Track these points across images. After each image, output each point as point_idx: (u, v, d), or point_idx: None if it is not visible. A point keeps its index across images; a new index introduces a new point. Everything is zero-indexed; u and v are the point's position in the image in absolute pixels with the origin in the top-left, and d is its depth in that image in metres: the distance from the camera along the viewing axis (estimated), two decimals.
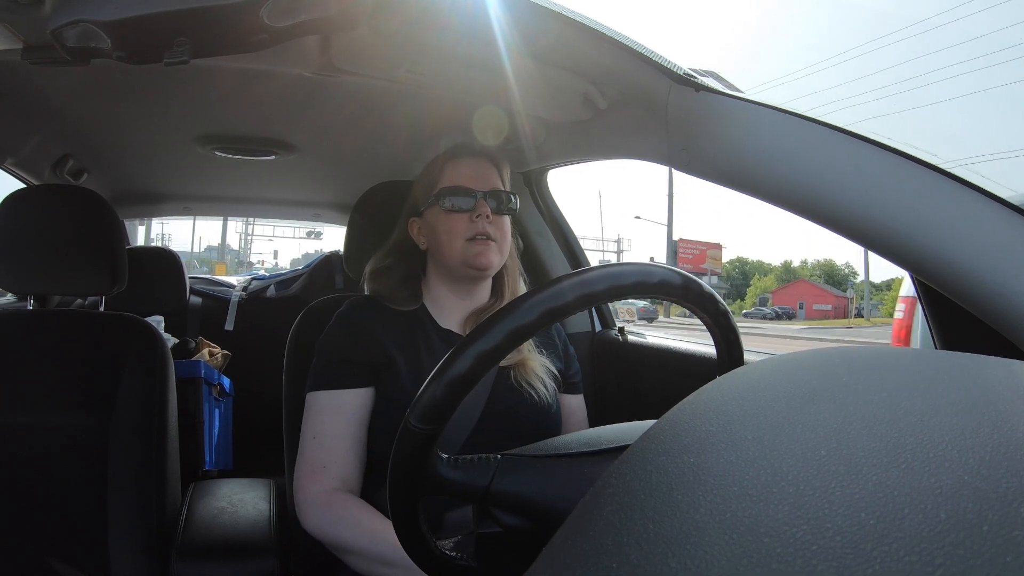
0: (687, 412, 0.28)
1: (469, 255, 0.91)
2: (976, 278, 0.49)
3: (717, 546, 0.20)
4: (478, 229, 0.91)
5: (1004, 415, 0.23)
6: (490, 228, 0.92)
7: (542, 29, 0.72)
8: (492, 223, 0.92)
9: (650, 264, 0.48)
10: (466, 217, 0.92)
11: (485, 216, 0.92)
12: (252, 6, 0.62)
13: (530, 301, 0.44)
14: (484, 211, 0.92)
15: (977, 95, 30.25)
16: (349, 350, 0.90)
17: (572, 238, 1.49)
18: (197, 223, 25.83)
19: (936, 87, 32.12)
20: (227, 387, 1.91)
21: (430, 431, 0.44)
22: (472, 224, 0.91)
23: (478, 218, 0.91)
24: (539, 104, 0.94)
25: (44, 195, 1.07)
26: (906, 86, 28.43)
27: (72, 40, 0.64)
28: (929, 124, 40.18)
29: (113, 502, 0.93)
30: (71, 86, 1.08)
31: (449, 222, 0.92)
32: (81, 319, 1.06)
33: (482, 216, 0.91)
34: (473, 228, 0.91)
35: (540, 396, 0.91)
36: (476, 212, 0.92)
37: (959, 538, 0.17)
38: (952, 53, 26.92)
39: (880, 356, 0.29)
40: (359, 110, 1.19)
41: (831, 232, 0.58)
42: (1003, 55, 26.19)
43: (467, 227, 0.92)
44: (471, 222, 0.92)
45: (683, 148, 0.71)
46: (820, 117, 0.58)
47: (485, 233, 0.92)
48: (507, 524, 0.47)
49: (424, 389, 0.44)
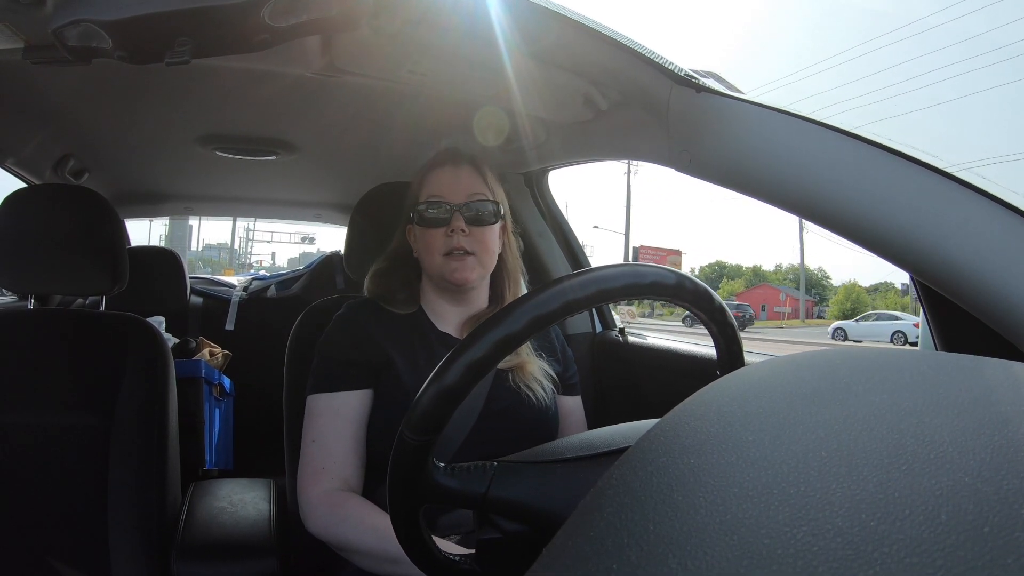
0: (687, 413, 0.28)
1: (446, 271, 0.90)
2: (976, 279, 0.49)
3: (718, 547, 0.20)
4: (453, 244, 0.89)
5: (1004, 416, 0.23)
6: (467, 242, 0.90)
7: (543, 30, 0.72)
8: (470, 236, 0.90)
9: (640, 265, 0.48)
10: (442, 232, 0.90)
11: (460, 230, 0.89)
12: (254, 6, 0.62)
13: (517, 311, 0.43)
14: (458, 225, 0.89)
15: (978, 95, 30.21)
16: (348, 352, 0.90)
17: (573, 238, 1.49)
18: (192, 221, 26.26)
19: (936, 87, 32.10)
20: (227, 387, 1.91)
21: (425, 441, 0.45)
22: (448, 239, 0.89)
23: (453, 233, 0.89)
24: (540, 105, 0.94)
25: (45, 195, 1.07)
26: (910, 85, 28.33)
27: (73, 40, 0.64)
28: (928, 126, 40.13)
29: (113, 502, 0.93)
30: (72, 86, 1.08)
31: (426, 236, 0.91)
32: (82, 319, 1.06)
33: (456, 231, 0.89)
34: (449, 243, 0.89)
35: (538, 398, 0.91)
36: (450, 227, 0.90)
37: (960, 540, 0.17)
38: (950, 52, 26.90)
39: (880, 357, 0.29)
40: (360, 110, 1.19)
41: (831, 233, 0.58)
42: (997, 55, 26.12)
43: (443, 242, 0.90)
44: (447, 236, 0.90)
45: (684, 149, 0.71)
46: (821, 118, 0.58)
47: (461, 248, 0.89)
48: (506, 530, 0.47)
49: (417, 400, 0.44)
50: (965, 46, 26.17)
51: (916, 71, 29.65)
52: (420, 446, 0.45)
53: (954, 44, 25.64)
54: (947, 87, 33.08)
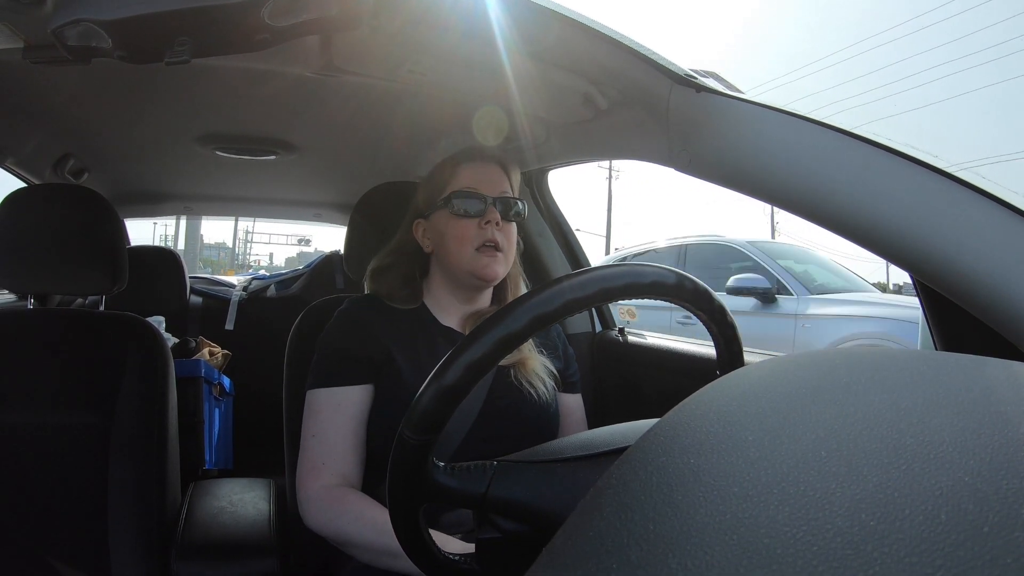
0: (687, 413, 0.28)
1: (477, 266, 0.90)
2: (976, 279, 0.49)
3: (717, 547, 0.20)
4: (487, 237, 0.90)
5: (1004, 416, 0.23)
6: (499, 236, 0.91)
7: (543, 29, 0.72)
8: (501, 230, 0.91)
9: (641, 264, 0.48)
10: (475, 223, 0.91)
11: (494, 223, 0.90)
12: (253, 6, 0.62)
13: (518, 309, 0.43)
14: (494, 217, 0.90)
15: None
16: (349, 347, 0.90)
17: (572, 238, 1.49)
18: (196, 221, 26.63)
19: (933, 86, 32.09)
20: (227, 387, 1.91)
21: (425, 441, 0.45)
22: (481, 231, 0.90)
23: (487, 224, 0.90)
24: (540, 104, 0.94)
25: (45, 194, 1.07)
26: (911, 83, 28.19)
27: (73, 39, 0.64)
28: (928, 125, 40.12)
29: (113, 501, 0.93)
30: (72, 85, 1.08)
31: (459, 227, 0.91)
32: (81, 319, 1.06)
33: (491, 223, 0.90)
34: (482, 236, 0.90)
35: (539, 395, 0.91)
36: (486, 218, 0.90)
37: (959, 539, 0.17)
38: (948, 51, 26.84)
39: (880, 357, 0.29)
40: (360, 110, 1.19)
41: (831, 233, 0.58)
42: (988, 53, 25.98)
43: (476, 234, 0.90)
44: (480, 229, 0.90)
45: (684, 149, 0.71)
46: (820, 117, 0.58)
47: (494, 242, 0.90)
48: (506, 529, 0.47)
49: (417, 400, 0.44)
50: (957, 45, 26.11)
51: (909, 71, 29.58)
52: (420, 446, 0.45)
53: (946, 43, 25.58)
54: (939, 86, 33.05)
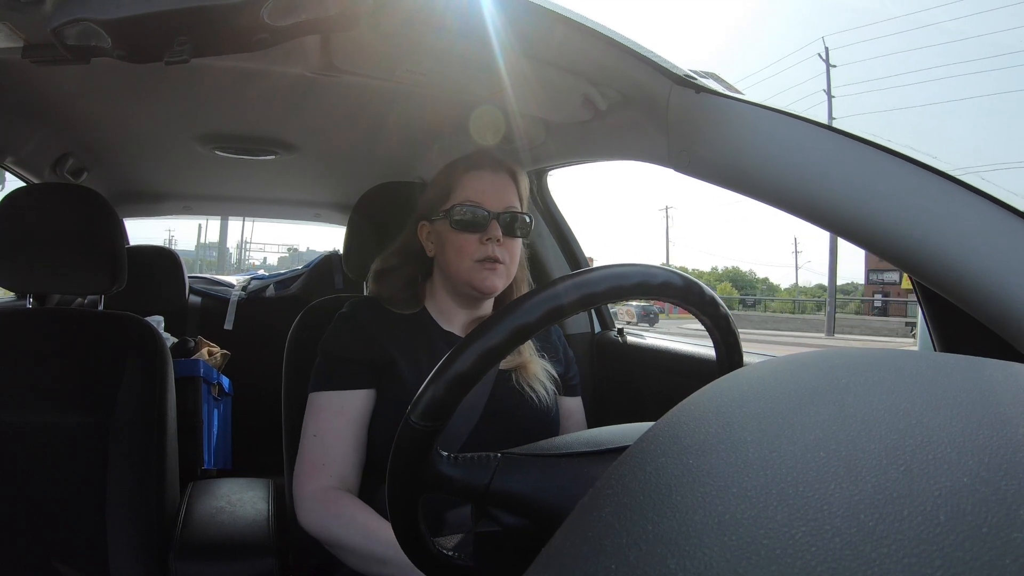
0: (686, 413, 0.28)
1: (475, 278, 0.89)
2: (975, 280, 0.49)
3: (716, 547, 0.20)
4: (487, 253, 0.88)
5: (1003, 417, 0.23)
6: (499, 251, 0.89)
7: (543, 29, 0.72)
8: (502, 246, 0.89)
9: (652, 266, 0.48)
10: (476, 238, 0.89)
11: (495, 239, 0.88)
12: (252, 6, 0.62)
13: (532, 300, 0.44)
14: (495, 234, 0.88)
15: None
16: (351, 351, 0.90)
17: (572, 239, 1.49)
18: (200, 223, 26.96)
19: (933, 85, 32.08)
20: (226, 387, 1.91)
21: (431, 428, 0.44)
22: (481, 247, 0.88)
23: (488, 241, 0.88)
24: (539, 105, 0.94)
25: (44, 194, 1.07)
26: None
27: (73, 39, 0.64)
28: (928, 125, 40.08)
29: (112, 501, 0.93)
30: (71, 85, 1.08)
31: (458, 240, 0.89)
32: (80, 318, 1.06)
33: (492, 239, 0.88)
34: (482, 251, 0.88)
35: (540, 399, 0.91)
36: (487, 234, 0.88)
37: (958, 540, 0.17)
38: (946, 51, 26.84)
39: (879, 358, 0.29)
40: (359, 110, 1.19)
41: (831, 233, 0.58)
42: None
43: (476, 249, 0.88)
44: (481, 244, 0.88)
45: (683, 149, 0.71)
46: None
47: (494, 257, 0.88)
48: (506, 523, 0.47)
49: (426, 386, 0.44)
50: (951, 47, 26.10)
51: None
52: (426, 433, 0.44)
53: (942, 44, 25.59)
54: (936, 87, 33.07)
